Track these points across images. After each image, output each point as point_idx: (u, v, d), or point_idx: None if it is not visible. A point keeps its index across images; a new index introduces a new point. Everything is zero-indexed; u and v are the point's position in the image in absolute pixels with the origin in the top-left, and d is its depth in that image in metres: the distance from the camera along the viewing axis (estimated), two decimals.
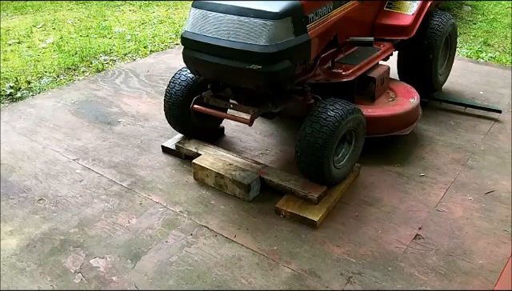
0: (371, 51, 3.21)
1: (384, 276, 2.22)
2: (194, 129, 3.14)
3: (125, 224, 2.57)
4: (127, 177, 2.95)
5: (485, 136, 3.36)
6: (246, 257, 2.34)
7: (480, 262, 2.29)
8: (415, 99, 3.23)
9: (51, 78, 4.53)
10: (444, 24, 3.54)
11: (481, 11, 6.36)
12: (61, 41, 5.48)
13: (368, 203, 2.70)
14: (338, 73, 2.94)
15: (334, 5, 2.77)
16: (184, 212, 2.65)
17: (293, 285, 2.18)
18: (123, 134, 3.46)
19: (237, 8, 2.44)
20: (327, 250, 2.37)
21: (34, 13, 6.74)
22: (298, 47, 2.47)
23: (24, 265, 2.30)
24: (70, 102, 3.97)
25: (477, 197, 2.75)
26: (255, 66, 2.38)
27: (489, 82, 4.22)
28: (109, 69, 4.70)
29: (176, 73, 3.09)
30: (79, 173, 3.01)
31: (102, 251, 2.38)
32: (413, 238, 2.44)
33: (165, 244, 2.42)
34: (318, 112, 2.55)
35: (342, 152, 2.76)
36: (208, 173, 2.82)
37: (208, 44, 2.51)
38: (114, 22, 6.26)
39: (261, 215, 2.61)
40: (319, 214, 2.53)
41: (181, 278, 2.22)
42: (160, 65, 4.76)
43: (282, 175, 2.76)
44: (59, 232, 2.52)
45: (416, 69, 3.62)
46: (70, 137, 3.43)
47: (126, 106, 3.89)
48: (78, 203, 2.73)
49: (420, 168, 3.00)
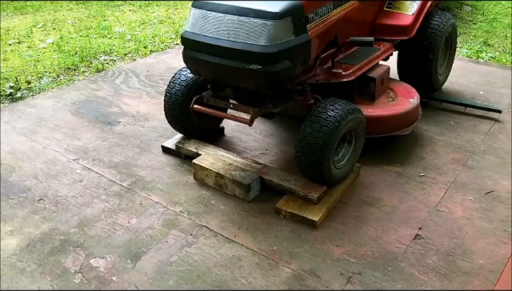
0: (371, 51, 3.21)
1: (384, 276, 2.22)
2: (194, 129, 3.14)
3: (125, 224, 2.57)
4: (127, 177, 2.96)
5: (485, 136, 3.36)
6: (246, 257, 2.34)
7: (480, 262, 2.29)
8: (415, 99, 3.23)
9: (51, 78, 4.53)
10: (444, 24, 3.54)
11: (481, 11, 6.35)
12: (61, 41, 5.48)
13: (368, 203, 2.70)
14: (338, 73, 2.94)
15: (334, 5, 2.77)
16: (184, 212, 2.65)
17: (293, 285, 2.18)
18: (123, 134, 3.46)
19: (237, 8, 2.44)
20: (327, 250, 2.37)
21: (34, 13, 6.74)
22: (298, 47, 2.47)
23: (24, 265, 2.30)
24: (70, 102, 3.97)
25: (477, 197, 2.75)
26: (255, 66, 2.38)
27: (489, 82, 4.22)
28: (109, 69, 4.70)
29: (176, 73, 3.09)
30: (79, 173, 3.01)
31: (101, 251, 2.38)
32: (413, 238, 2.44)
33: (165, 244, 2.42)
34: (318, 112, 2.55)
35: (342, 152, 2.76)
36: (208, 173, 2.82)
37: (208, 44, 2.51)
38: (114, 22, 6.26)
39: (261, 215, 2.61)
40: (319, 214, 2.53)
41: (181, 278, 2.22)
42: (160, 65, 4.76)
43: (282, 175, 2.76)
44: (59, 232, 2.52)
45: (416, 69, 3.62)
46: (70, 137, 3.43)
47: (126, 106, 3.89)
48: (78, 203, 2.73)
49: (420, 168, 3.00)
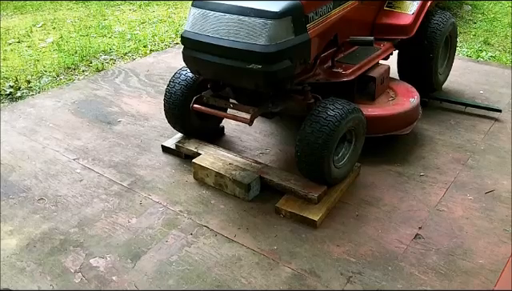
0: (371, 51, 3.21)
1: (384, 275, 2.22)
2: (193, 128, 3.14)
3: (125, 223, 2.56)
4: (127, 177, 2.95)
5: (485, 135, 3.36)
6: (246, 256, 2.34)
7: (480, 262, 2.29)
8: (415, 99, 3.23)
9: (51, 78, 4.52)
10: (444, 23, 3.54)
11: (481, 10, 6.35)
12: (61, 40, 5.48)
13: (368, 203, 2.70)
14: (338, 72, 2.94)
15: (334, 4, 2.76)
16: (184, 211, 2.65)
17: (293, 284, 2.18)
18: (123, 134, 3.46)
19: (237, 7, 2.43)
20: (327, 250, 2.37)
21: (34, 12, 6.74)
22: (298, 47, 2.47)
23: (24, 265, 2.30)
24: (70, 102, 3.97)
25: (477, 196, 2.74)
26: (255, 66, 2.37)
27: (489, 82, 4.22)
28: (109, 69, 4.70)
29: (176, 73, 3.09)
30: (79, 172, 3.01)
31: (101, 251, 2.38)
32: (413, 238, 2.44)
33: (165, 243, 2.42)
34: (318, 111, 2.55)
35: (342, 151, 2.76)
36: (208, 173, 2.82)
37: (208, 43, 2.50)
38: (114, 22, 6.25)
39: (261, 215, 2.61)
40: (319, 214, 2.53)
41: (181, 278, 2.22)
42: (160, 65, 4.76)
43: (282, 175, 2.76)
44: (59, 231, 2.52)
45: (416, 69, 3.62)
46: (70, 136, 3.43)
47: (125, 106, 3.89)
48: (78, 203, 2.73)
49: (420, 167, 3.00)
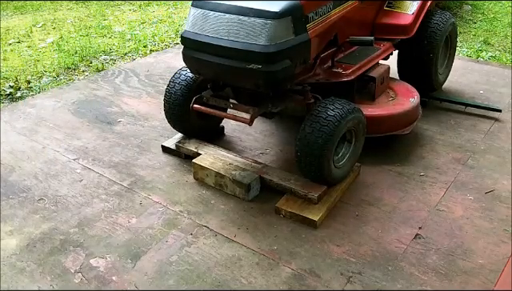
0: (371, 50, 3.21)
1: (384, 275, 2.22)
2: (193, 128, 3.13)
3: (125, 224, 2.56)
4: (127, 177, 2.95)
5: (485, 135, 3.36)
6: (246, 256, 2.34)
7: (480, 262, 2.29)
8: (415, 98, 3.23)
9: (51, 78, 4.52)
10: (444, 23, 3.54)
11: (481, 10, 6.35)
12: (61, 40, 5.48)
13: (368, 202, 2.70)
14: (338, 72, 2.94)
15: (334, 4, 2.76)
16: (184, 211, 2.65)
17: (293, 284, 2.18)
18: (123, 134, 3.46)
19: (237, 7, 2.43)
20: (327, 250, 2.37)
21: (34, 12, 6.74)
22: (298, 47, 2.47)
23: (24, 265, 2.30)
24: (70, 102, 3.97)
25: (477, 196, 2.74)
26: (255, 66, 2.37)
27: (489, 81, 4.22)
28: (109, 69, 4.70)
29: (176, 73, 3.09)
30: (79, 172, 3.01)
31: (101, 251, 2.38)
32: (413, 238, 2.44)
33: (165, 243, 2.42)
34: (318, 111, 2.55)
35: (342, 151, 2.76)
36: (208, 173, 2.82)
37: (208, 44, 2.50)
38: (114, 22, 6.25)
39: (261, 215, 2.61)
40: (319, 214, 2.53)
41: (181, 278, 2.22)
42: (160, 65, 4.76)
43: (282, 175, 2.76)
44: (59, 232, 2.52)
45: (416, 69, 3.62)
46: (70, 136, 3.43)
47: (125, 106, 3.89)
48: (78, 203, 2.73)
49: (420, 167, 3.00)
